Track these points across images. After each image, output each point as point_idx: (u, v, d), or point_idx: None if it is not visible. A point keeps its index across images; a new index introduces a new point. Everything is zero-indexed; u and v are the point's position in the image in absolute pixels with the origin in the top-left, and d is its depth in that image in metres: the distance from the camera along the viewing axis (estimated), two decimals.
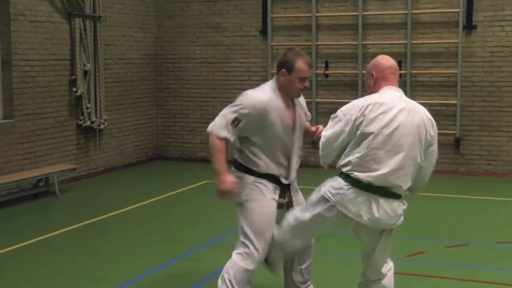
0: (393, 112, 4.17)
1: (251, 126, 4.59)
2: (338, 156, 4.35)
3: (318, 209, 4.33)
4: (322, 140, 4.40)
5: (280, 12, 11.46)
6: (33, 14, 9.48)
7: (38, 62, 9.61)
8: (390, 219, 4.20)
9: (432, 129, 4.30)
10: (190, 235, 7.44)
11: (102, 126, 10.72)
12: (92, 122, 10.48)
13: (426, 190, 9.95)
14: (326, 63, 11.05)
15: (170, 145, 12.39)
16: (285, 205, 4.76)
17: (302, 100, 4.95)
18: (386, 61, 4.44)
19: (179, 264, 6.40)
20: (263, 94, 4.69)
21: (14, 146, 9.22)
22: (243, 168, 4.76)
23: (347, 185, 4.18)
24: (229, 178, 4.58)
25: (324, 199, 4.29)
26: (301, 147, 4.87)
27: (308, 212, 4.40)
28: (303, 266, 4.95)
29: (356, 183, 4.15)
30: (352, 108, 4.24)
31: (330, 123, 4.35)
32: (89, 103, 10.41)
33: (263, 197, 4.70)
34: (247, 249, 4.63)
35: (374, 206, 4.16)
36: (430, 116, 4.34)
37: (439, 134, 4.66)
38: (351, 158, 4.20)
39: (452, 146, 10.67)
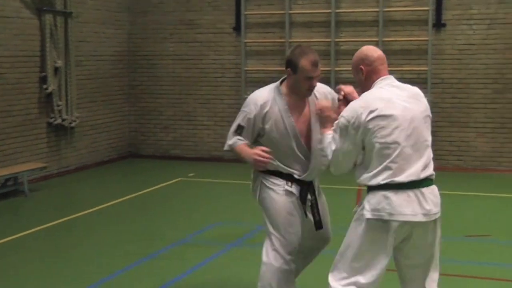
0: (401, 106, 3.93)
1: (255, 127, 4.58)
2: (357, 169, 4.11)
3: (370, 237, 3.96)
4: (333, 158, 4.10)
5: (254, 9, 11.40)
6: (1, 10, 9.37)
7: (7, 59, 9.52)
8: (437, 205, 3.97)
9: (426, 102, 4.10)
10: (164, 233, 7.41)
11: (73, 124, 10.65)
12: (63, 120, 10.42)
13: None
14: None
15: (143, 142, 12.31)
16: (309, 202, 4.64)
17: (325, 93, 4.77)
18: (373, 52, 4.16)
19: (152, 262, 6.35)
20: (262, 94, 4.65)
21: None
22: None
23: (390, 192, 3.86)
24: (251, 151, 4.47)
25: (373, 222, 3.91)
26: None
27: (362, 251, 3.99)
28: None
29: (398, 186, 3.87)
30: (355, 116, 3.94)
31: (336, 136, 4.08)
32: (60, 100, 10.34)
33: (274, 194, 4.61)
34: (271, 245, 4.57)
35: (422, 199, 3.90)
36: (419, 91, 4.12)
37: None
38: (379, 168, 3.90)
39: None
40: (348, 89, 4.41)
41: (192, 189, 9.76)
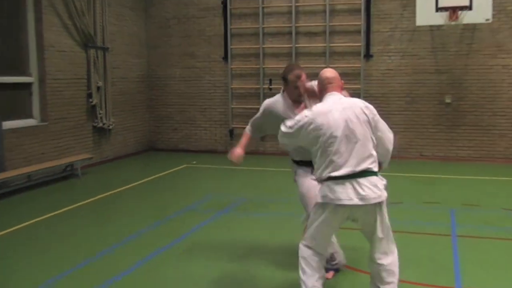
0: (337, 113, 3.78)
1: (267, 122, 4.64)
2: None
3: (319, 216, 3.85)
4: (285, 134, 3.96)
5: (237, 44, 11.60)
6: (60, 46, 9.46)
7: (64, 81, 9.57)
8: (375, 192, 3.71)
9: (371, 112, 3.87)
10: (173, 203, 7.41)
11: (110, 127, 10.72)
12: (103, 124, 10.48)
13: None
14: (270, 80, 11.16)
15: (159, 140, 12.37)
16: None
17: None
18: (323, 74, 4.07)
19: (166, 224, 6.39)
20: (271, 99, 4.66)
21: (48, 141, 9.18)
22: (293, 159, 4.68)
23: (331, 182, 3.72)
24: (236, 150, 4.62)
25: (319, 205, 3.83)
26: None
27: (315, 225, 3.88)
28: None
29: (337, 178, 3.70)
30: (302, 120, 3.86)
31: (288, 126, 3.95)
32: (101, 110, 10.40)
33: (303, 178, 4.52)
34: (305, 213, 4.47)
35: (358, 187, 3.68)
36: (367, 104, 3.92)
37: None
38: (324, 164, 3.76)
39: None
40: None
41: (194, 173, 9.73)
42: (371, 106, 3.92)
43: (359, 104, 3.89)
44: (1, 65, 8.30)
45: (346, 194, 3.67)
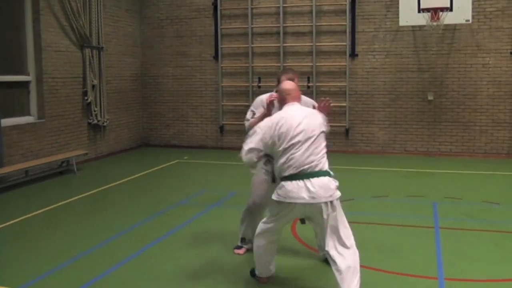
0: (297, 120, 3.98)
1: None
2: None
3: (273, 211, 4.09)
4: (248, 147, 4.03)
5: (227, 43, 11.57)
6: (57, 46, 9.38)
7: (61, 79, 9.50)
8: (326, 192, 3.88)
9: (324, 121, 4.16)
10: (166, 198, 7.34)
11: (105, 123, 10.62)
12: (98, 121, 10.38)
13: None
14: (259, 78, 11.16)
15: (152, 136, 12.32)
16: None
17: (308, 100, 4.89)
18: (283, 86, 4.27)
19: (159, 218, 6.33)
20: (264, 96, 4.84)
21: (46, 138, 9.11)
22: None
23: (286, 182, 3.92)
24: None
25: (274, 202, 4.03)
26: None
27: (269, 219, 4.14)
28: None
29: (292, 177, 3.89)
30: (267, 126, 4.03)
31: (252, 137, 4.07)
32: (96, 107, 10.32)
33: (258, 169, 4.80)
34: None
35: (309, 185, 3.85)
36: (314, 112, 4.20)
37: (335, 126, 4.25)
38: (283, 166, 3.95)
39: (343, 134, 10.92)
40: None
41: (186, 168, 9.65)
42: (322, 115, 4.19)
43: (315, 112, 4.19)
44: (0, 64, 8.22)
45: (298, 193, 3.85)
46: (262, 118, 4.46)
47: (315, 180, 3.87)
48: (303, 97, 4.64)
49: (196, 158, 10.60)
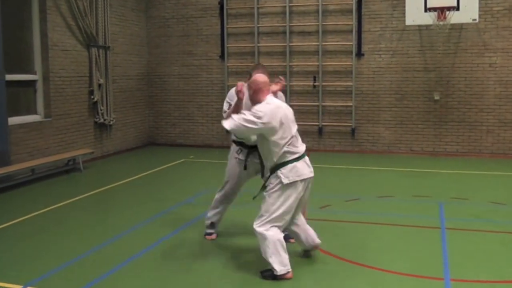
0: (283, 109, 4.45)
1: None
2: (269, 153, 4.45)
3: (289, 195, 4.37)
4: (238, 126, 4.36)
5: (233, 43, 11.58)
6: (63, 45, 9.42)
7: (67, 78, 9.54)
8: (311, 167, 4.54)
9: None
10: (172, 196, 7.34)
11: (111, 122, 10.66)
12: (104, 120, 10.42)
13: (332, 163, 10.17)
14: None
15: (158, 135, 12.34)
16: (246, 160, 5.12)
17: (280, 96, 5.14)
18: (260, 78, 4.55)
19: (165, 216, 6.35)
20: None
21: (52, 137, 9.15)
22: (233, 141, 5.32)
23: (292, 164, 4.35)
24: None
25: (287, 185, 4.33)
26: None
27: (281, 204, 4.36)
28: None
29: (298, 159, 4.39)
30: (263, 117, 4.32)
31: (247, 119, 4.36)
32: (102, 106, 10.36)
33: (231, 157, 5.28)
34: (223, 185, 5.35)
35: (306, 164, 4.46)
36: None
37: (342, 126, 4.60)
38: (283, 151, 4.35)
39: (349, 134, 10.90)
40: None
41: (192, 167, 9.65)
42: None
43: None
44: (8, 63, 8.27)
45: (304, 170, 4.43)
46: (236, 106, 4.74)
47: (306, 159, 4.52)
48: None
49: (201, 157, 10.61)
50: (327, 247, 5.12)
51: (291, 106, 5.11)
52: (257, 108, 4.39)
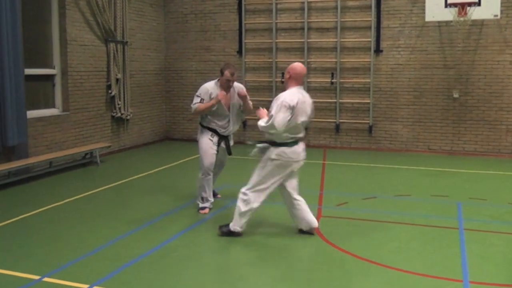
0: (303, 100, 5.07)
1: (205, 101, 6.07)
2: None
3: (277, 171, 5.10)
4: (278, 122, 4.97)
5: (251, 38, 11.56)
6: (82, 40, 9.47)
7: (85, 73, 9.59)
8: (304, 151, 5.19)
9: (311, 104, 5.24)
10: (188, 191, 7.27)
11: (128, 117, 10.70)
12: (121, 114, 10.45)
13: (349, 161, 10.07)
14: (282, 74, 10.90)
15: (175, 130, 12.37)
16: (218, 145, 6.20)
17: (239, 89, 6.14)
18: (302, 69, 5.16)
19: (181, 211, 6.32)
20: (209, 85, 6.15)
21: (70, 130, 9.20)
22: (201, 125, 6.31)
23: (288, 146, 5.04)
24: (214, 98, 6.01)
25: (277, 162, 5.05)
26: (238, 115, 6.34)
27: (269, 177, 5.13)
28: None
29: (294, 143, 5.04)
30: (291, 107, 4.97)
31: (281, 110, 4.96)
32: (120, 101, 10.38)
33: (205, 139, 6.21)
34: (201, 166, 6.23)
35: (301, 148, 5.12)
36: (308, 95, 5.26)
37: (359, 123, 5.20)
38: (291, 133, 5.01)
39: (366, 131, 10.83)
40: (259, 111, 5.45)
41: None
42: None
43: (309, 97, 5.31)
44: (27, 58, 8.34)
45: (301, 152, 5.13)
46: (209, 107, 6.01)
47: (302, 144, 5.16)
48: (236, 83, 6.15)
49: None
50: (343, 245, 5.09)
51: None
52: (284, 97, 5.00)
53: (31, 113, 8.45)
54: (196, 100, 6.12)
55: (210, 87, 6.13)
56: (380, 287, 4.22)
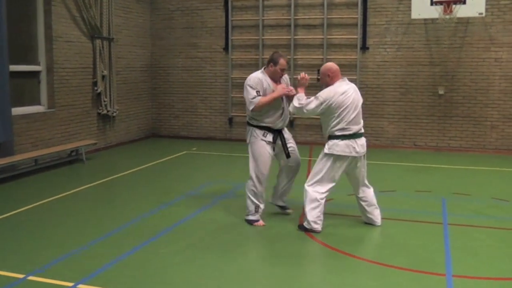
0: (349, 92, 5.24)
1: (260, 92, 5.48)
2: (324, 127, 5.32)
3: (330, 163, 5.25)
4: (298, 109, 5.35)
5: (237, 35, 11.57)
6: (68, 37, 9.42)
7: (71, 70, 9.54)
8: (363, 148, 5.30)
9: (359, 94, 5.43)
10: (175, 188, 7.35)
11: (114, 114, 10.66)
12: (108, 111, 10.41)
13: None
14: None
15: (161, 127, 12.37)
16: (274, 142, 5.57)
17: (286, 78, 5.78)
18: (334, 66, 5.41)
19: (168, 208, 6.36)
20: (258, 75, 5.55)
21: (55, 127, 9.15)
22: (250, 124, 5.65)
23: (340, 140, 5.17)
24: (277, 89, 5.53)
25: (331, 155, 5.21)
26: (288, 107, 5.65)
27: (325, 168, 5.27)
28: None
29: (346, 137, 5.17)
30: (331, 95, 5.21)
31: (314, 101, 5.25)
32: (106, 97, 10.33)
33: (259, 141, 5.56)
34: (254, 170, 5.57)
35: (356, 144, 5.20)
36: (356, 87, 5.48)
37: None
38: (339, 126, 5.17)
39: None
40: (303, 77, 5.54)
41: (194, 159, 9.64)
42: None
43: (357, 88, 5.48)
44: (12, 54, 8.27)
45: (349, 149, 5.18)
46: (274, 99, 5.46)
47: (358, 140, 5.24)
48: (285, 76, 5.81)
49: (204, 150, 10.62)
50: (327, 240, 5.12)
51: None
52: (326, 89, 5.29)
53: (16, 110, 8.38)
54: (253, 93, 5.42)
55: (261, 77, 5.52)
56: (364, 281, 4.27)
